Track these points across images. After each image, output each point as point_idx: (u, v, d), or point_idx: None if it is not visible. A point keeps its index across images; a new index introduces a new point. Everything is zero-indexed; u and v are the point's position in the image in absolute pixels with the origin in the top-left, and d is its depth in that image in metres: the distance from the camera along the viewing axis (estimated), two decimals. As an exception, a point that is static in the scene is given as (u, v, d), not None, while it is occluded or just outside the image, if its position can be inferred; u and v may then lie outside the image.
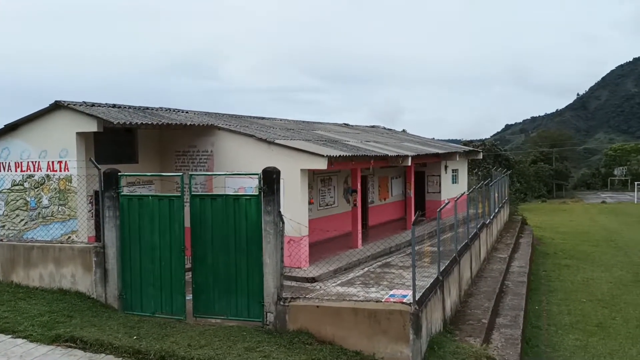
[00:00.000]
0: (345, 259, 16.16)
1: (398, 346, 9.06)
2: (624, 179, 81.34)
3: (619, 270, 24.00)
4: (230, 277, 10.19)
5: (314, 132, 21.62)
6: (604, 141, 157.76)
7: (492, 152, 63.68)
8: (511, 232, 27.45)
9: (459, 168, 29.46)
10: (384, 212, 24.32)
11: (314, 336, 9.50)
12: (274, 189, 9.86)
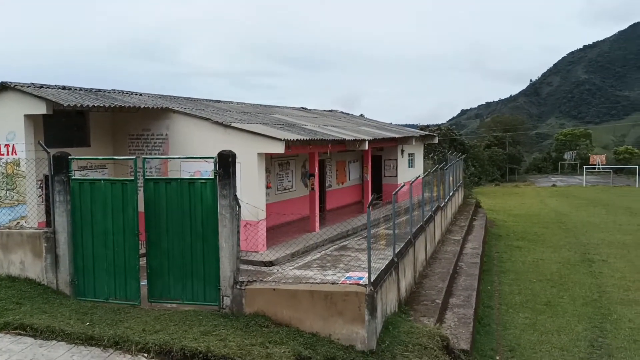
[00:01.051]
0: (302, 242, 16.21)
1: (354, 327, 9.20)
2: (574, 163, 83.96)
3: (567, 251, 24.86)
4: (186, 262, 10.11)
5: (272, 116, 21.50)
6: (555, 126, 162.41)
7: (448, 136, 64.66)
8: (465, 215, 28.04)
9: (415, 152, 29.82)
10: (341, 196, 24.47)
11: (270, 319, 9.55)
12: (229, 173, 9.79)
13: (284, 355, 8.42)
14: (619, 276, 20.14)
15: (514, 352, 12.71)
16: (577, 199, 48.51)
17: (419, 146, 30.42)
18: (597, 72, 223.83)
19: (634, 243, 26.52)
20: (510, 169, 78.36)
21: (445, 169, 24.01)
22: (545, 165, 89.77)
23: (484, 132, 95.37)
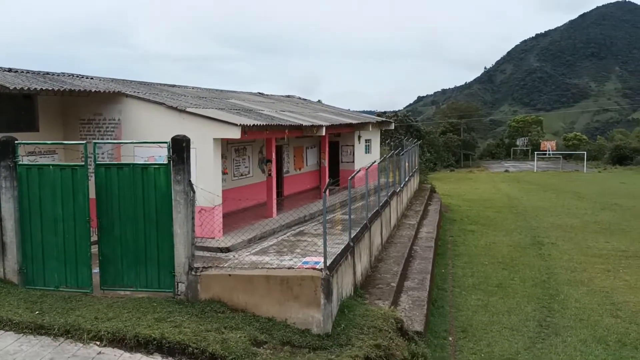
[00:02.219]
0: (259, 228, 16.17)
1: (310, 311, 9.26)
2: (526, 149, 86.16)
3: (518, 235, 25.60)
4: (139, 248, 9.95)
5: (228, 101, 21.26)
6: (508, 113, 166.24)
7: (404, 123, 65.35)
8: (420, 200, 28.48)
9: (372, 138, 30.05)
10: (299, 182, 24.47)
11: (226, 305, 9.53)
12: (183, 158, 9.66)
13: (240, 340, 8.42)
14: (567, 258, 20.87)
15: (466, 333, 13.05)
16: (529, 184, 49.90)
17: (376, 132, 30.65)
18: (549, 60, 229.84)
19: (581, 226, 27.50)
20: (465, 155, 79.86)
21: (401, 155, 24.29)
22: (499, 151, 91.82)
23: (439, 118, 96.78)
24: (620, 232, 25.75)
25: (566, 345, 12.32)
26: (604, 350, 12.11)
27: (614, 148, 77.05)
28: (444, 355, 11.61)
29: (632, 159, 72.35)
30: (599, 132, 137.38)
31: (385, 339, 9.46)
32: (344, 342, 9.08)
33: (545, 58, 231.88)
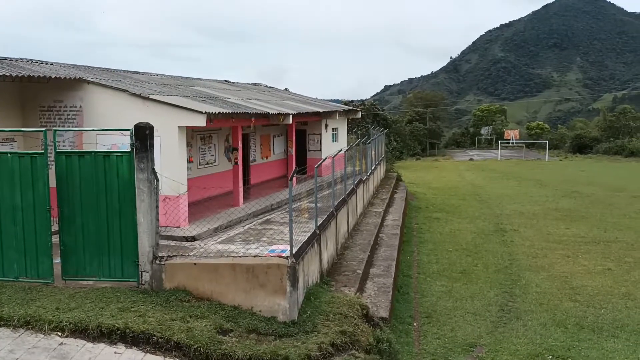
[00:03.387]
0: (226, 217, 16.08)
1: (276, 298, 9.29)
2: (490, 138, 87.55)
3: (482, 222, 26.06)
4: (102, 238, 9.80)
5: (193, 89, 20.99)
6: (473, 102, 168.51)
7: (371, 111, 65.63)
8: (387, 188, 28.72)
9: (339, 127, 30.09)
10: (266, 170, 24.38)
11: (191, 293, 9.48)
12: (147, 146, 9.53)
13: (205, 328, 8.40)
14: (528, 244, 21.36)
15: (431, 318, 13.27)
16: (492, 172, 50.79)
17: (343, 121, 30.70)
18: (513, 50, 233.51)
19: (543, 213, 28.16)
20: (431, 143, 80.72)
21: (368, 144, 24.42)
22: (464, 140, 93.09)
23: (406, 107, 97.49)
24: (579, 219, 26.46)
25: (527, 329, 12.64)
26: (562, 333, 12.46)
27: (575, 137, 78.95)
28: (409, 340, 11.79)
29: (591, 147, 74.23)
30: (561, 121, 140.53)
31: (351, 325, 9.56)
32: (310, 329, 9.15)
33: (509, 48, 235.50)
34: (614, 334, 12.40)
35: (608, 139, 74.98)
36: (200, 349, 8.00)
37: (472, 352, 11.43)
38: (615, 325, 12.91)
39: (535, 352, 11.34)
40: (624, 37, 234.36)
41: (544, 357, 11.15)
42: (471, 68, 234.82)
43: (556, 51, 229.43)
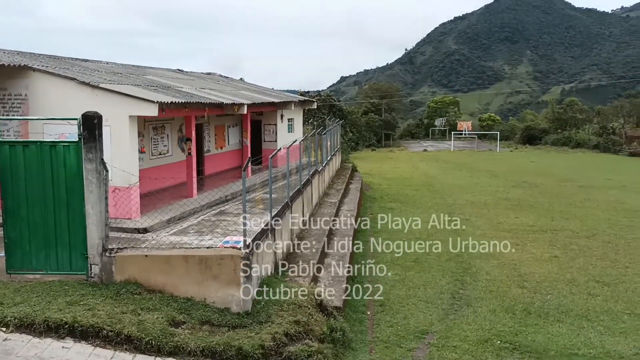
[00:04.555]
0: (179, 208, 15.87)
1: (229, 290, 9.25)
2: (444, 129, 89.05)
3: (435, 211, 26.45)
4: (49, 230, 9.54)
5: (145, 77, 20.56)
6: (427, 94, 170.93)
7: (327, 102, 65.78)
8: (342, 179, 28.88)
9: (295, 117, 30.05)
10: (220, 161, 24.15)
11: (143, 286, 9.35)
12: (95, 135, 9.30)
13: (157, 321, 8.31)
14: (479, 233, 21.85)
15: (384, 307, 13.45)
16: (446, 163, 51.70)
17: (299, 111, 30.67)
18: (466, 43, 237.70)
19: (493, 203, 28.86)
20: (386, 134, 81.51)
21: (323, 134, 24.48)
22: (418, 131, 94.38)
23: (362, 99, 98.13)
24: (528, 208, 27.24)
25: (477, 315, 12.97)
26: (510, 319, 12.84)
27: (525, 128, 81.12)
28: (362, 328, 11.92)
29: (540, 139, 76.41)
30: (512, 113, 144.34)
31: (305, 315, 9.61)
32: (264, 320, 9.16)
33: (462, 41, 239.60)
34: (559, 319, 12.85)
35: (556, 130, 77.37)
36: (151, 341, 7.90)
37: (424, 339, 11.65)
38: (560, 310, 13.38)
39: (485, 338, 11.65)
40: (571, 31, 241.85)
41: (492, 343, 11.46)
42: (426, 60, 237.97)
43: (507, 44, 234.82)
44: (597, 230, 22.14)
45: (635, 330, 12.17)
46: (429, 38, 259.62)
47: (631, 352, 11.10)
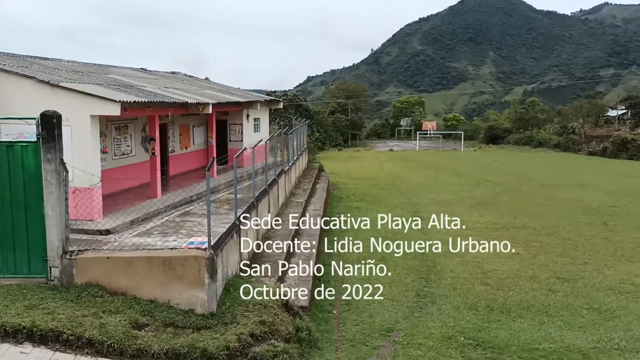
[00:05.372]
0: (143, 209, 15.63)
1: (193, 291, 9.16)
2: (409, 129, 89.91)
3: (400, 210, 26.72)
4: (6, 232, 9.29)
5: (107, 76, 20.20)
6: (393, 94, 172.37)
7: (293, 102, 65.76)
8: (309, 179, 28.90)
9: (261, 117, 29.94)
10: (185, 161, 23.89)
11: (105, 288, 9.19)
12: (54, 135, 9.10)
13: (120, 324, 8.18)
14: (444, 232, 22.04)
15: (350, 306, 13.53)
16: (411, 163, 52.23)
17: (265, 111, 30.57)
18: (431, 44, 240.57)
19: (458, 201, 29.28)
20: (352, 134, 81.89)
21: (290, 134, 24.46)
22: (384, 131, 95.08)
23: (328, 98, 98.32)
24: (491, 206, 27.72)
25: (441, 313, 13.16)
26: (474, 315, 13.06)
27: (488, 128, 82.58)
28: (328, 328, 11.96)
29: (503, 138, 77.88)
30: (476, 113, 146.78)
31: (270, 315, 9.59)
32: (229, 320, 9.10)
33: (427, 42, 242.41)
34: (520, 315, 13.12)
35: (518, 130, 78.96)
36: (114, 344, 7.78)
37: (389, 337, 11.76)
38: (522, 306, 13.67)
39: (449, 335, 11.82)
40: (533, 33, 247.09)
41: (456, 339, 11.64)
42: (391, 60, 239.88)
43: (471, 45, 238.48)
44: (557, 227, 22.66)
45: (594, 325, 12.51)
46: (394, 39, 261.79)
47: (589, 345, 11.41)
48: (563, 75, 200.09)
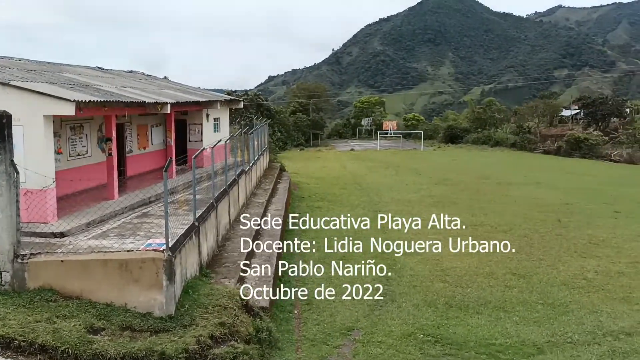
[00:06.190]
0: (99, 211, 15.29)
1: (151, 293, 9.02)
2: (370, 129, 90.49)
3: (361, 209, 26.92)
4: (-46, 236, 8.96)
5: (61, 75, 19.70)
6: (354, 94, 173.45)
7: (254, 102, 65.45)
8: (270, 179, 28.81)
9: (221, 117, 29.68)
10: (144, 162, 23.49)
11: (59, 292, 8.98)
12: (4, 136, 8.85)
13: (74, 328, 8.00)
14: (404, 230, 22.36)
15: (311, 305, 13.56)
16: (372, 162, 52.63)
17: (225, 111, 30.32)
18: (391, 44, 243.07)
19: (418, 200, 29.67)
20: (314, 134, 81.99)
21: (250, 134, 24.34)
22: (345, 131, 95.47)
23: (290, 98, 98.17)
24: (450, 205, 28.17)
25: (401, 310, 13.32)
26: (433, 312, 13.27)
27: (447, 128, 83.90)
28: (289, 328, 11.96)
29: (462, 138, 79.22)
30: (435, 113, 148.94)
31: (230, 316, 9.53)
32: (188, 323, 9.00)
33: (387, 42, 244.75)
34: (478, 311, 13.40)
35: (476, 129, 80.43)
36: (68, 350, 7.61)
37: (349, 336, 11.85)
38: (479, 303, 13.96)
39: (408, 332, 11.98)
40: (490, 34, 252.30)
41: (416, 336, 11.81)
42: (352, 60, 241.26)
43: (430, 46, 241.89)
44: (513, 225, 23.21)
45: (548, 319, 12.87)
46: (355, 39, 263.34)
47: (544, 339, 11.73)
48: (519, 76, 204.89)
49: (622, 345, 11.52)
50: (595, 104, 75.93)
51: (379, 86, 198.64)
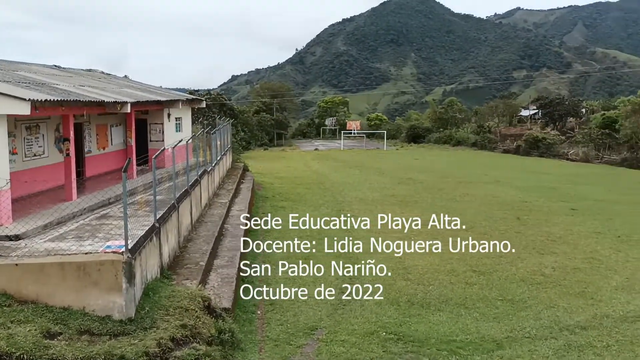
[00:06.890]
0: (56, 213, 14.93)
1: (110, 296, 8.86)
2: (334, 129, 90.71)
3: (325, 209, 26.99)
4: None
5: (16, 73, 19.15)
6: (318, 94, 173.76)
7: (217, 101, 64.89)
8: (233, 179, 28.63)
9: (183, 116, 29.35)
10: (103, 162, 23.03)
11: (13, 297, 8.75)
12: (-46, 136, 8.52)
13: (30, 334, 7.79)
14: (367, 229, 22.50)
15: (274, 305, 13.53)
16: (336, 162, 52.81)
17: (187, 110, 30.00)
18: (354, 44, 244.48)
19: (381, 199, 29.91)
20: (278, 134, 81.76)
21: (213, 134, 24.13)
22: (309, 131, 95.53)
23: (253, 98, 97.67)
24: (413, 204, 28.49)
25: (364, 309, 13.41)
26: (395, 310, 13.40)
27: (410, 128, 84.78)
28: (252, 328, 11.91)
29: (424, 137, 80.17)
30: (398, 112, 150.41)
31: (192, 318, 9.43)
32: (149, 325, 8.87)
33: (351, 42, 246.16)
34: (439, 308, 13.60)
35: (438, 129, 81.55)
36: (23, 356, 7.41)
37: (313, 335, 11.86)
38: (441, 300, 14.17)
39: (371, 330, 12.07)
40: (451, 35, 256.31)
41: (378, 334, 11.90)
42: (316, 60, 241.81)
43: (393, 47, 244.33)
44: (474, 222, 23.60)
45: (507, 315, 13.15)
46: (318, 39, 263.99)
47: (503, 335, 11.98)
48: (479, 77, 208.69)
49: (577, 339, 11.85)
50: (553, 104, 78.01)
51: (342, 86, 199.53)
